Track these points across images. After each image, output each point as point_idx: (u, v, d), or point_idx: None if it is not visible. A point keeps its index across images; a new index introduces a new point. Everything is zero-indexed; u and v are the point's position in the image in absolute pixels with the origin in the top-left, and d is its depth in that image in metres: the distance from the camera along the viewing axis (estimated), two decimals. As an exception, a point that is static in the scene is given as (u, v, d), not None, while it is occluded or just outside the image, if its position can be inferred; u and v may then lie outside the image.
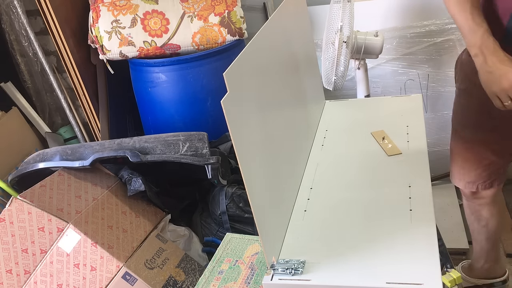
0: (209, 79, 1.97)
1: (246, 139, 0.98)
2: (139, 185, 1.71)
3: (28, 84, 2.73)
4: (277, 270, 1.02)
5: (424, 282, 0.93)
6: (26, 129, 2.53)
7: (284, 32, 1.37)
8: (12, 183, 1.86)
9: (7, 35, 2.60)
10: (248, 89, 1.05)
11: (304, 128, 1.48)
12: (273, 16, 1.27)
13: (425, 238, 1.05)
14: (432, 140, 2.41)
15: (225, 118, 0.89)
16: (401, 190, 1.22)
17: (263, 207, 1.03)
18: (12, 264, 1.54)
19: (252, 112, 1.06)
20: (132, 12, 1.97)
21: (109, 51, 2.01)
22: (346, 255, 1.04)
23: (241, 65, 1.00)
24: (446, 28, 2.22)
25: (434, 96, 2.35)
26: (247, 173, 0.94)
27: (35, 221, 1.53)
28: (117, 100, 2.35)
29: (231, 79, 0.92)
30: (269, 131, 1.15)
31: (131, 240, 1.59)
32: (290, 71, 1.41)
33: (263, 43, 1.17)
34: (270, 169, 1.12)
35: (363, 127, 1.55)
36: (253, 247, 1.43)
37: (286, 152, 1.27)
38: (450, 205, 2.35)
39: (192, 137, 1.67)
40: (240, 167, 0.92)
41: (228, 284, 1.30)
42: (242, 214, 1.76)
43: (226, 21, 1.96)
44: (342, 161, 1.40)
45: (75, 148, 1.75)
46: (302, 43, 1.56)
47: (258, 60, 1.13)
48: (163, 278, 1.55)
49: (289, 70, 1.40)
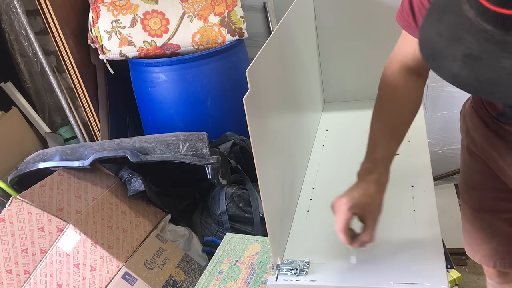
0: (209, 79, 1.97)
1: (263, 137, 0.98)
2: (139, 185, 1.71)
3: (28, 84, 2.73)
4: (281, 270, 1.02)
5: (430, 282, 0.93)
6: (26, 129, 2.53)
7: (294, 33, 1.38)
8: (12, 183, 1.85)
9: (7, 35, 2.59)
10: (267, 87, 1.05)
11: (306, 128, 1.48)
12: (286, 16, 1.28)
13: (430, 238, 1.05)
14: (432, 140, 2.41)
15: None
16: (404, 190, 1.22)
17: (274, 207, 1.03)
18: (12, 264, 1.54)
19: (269, 110, 1.06)
20: (132, 12, 1.97)
21: (109, 51, 2.01)
22: (350, 255, 1.04)
23: (261, 63, 1.00)
24: (446, 28, 2.22)
25: (434, 96, 2.35)
26: (262, 172, 0.94)
27: (35, 221, 1.53)
28: (117, 100, 2.35)
29: (253, 77, 0.91)
30: (280, 130, 1.15)
31: (131, 240, 1.59)
32: (298, 70, 1.42)
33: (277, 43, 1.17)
34: (281, 169, 1.13)
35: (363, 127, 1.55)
36: (253, 247, 1.43)
37: (291, 152, 1.27)
38: (450, 205, 2.35)
39: (192, 137, 1.67)
40: (256, 166, 0.92)
41: (228, 284, 1.30)
42: (242, 214, 1.75)
43: (226, 21, 1.96)
44: (343, 161, 1.40)
45: (75, 148, 1.75)
46: (307, 43, 1.57)
47: (274, 59, 1.14)
48: (163, 278, 1.55)
49: (297, 70, 1.41)
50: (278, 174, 1.11)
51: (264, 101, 1.03)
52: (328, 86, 1.82)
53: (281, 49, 1.23)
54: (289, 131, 1.26)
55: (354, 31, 1.70)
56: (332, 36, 1.72)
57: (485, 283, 1.96)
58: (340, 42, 1.72)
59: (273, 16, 2.34)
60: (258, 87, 0.97)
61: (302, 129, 1.43)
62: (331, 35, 1.72)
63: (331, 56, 1.76)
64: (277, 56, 1.18)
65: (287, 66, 1.29)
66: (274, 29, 1.16)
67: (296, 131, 1.35)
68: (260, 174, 0.93)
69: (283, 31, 1.25)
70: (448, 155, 2.45)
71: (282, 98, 1.21)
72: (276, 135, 1.12)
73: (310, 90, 1.59)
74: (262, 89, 1.01)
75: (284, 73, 1.25)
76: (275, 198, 1.06)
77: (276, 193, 1.08)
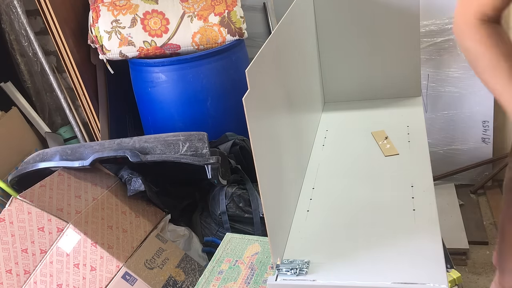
0: (209, 79, 1.97)
1: (263, 137, 0.99)
2: (139, 185, 1.71)
3: (28, 84, 2.73)
4: (281, 270, 1.02)
5: (430, 282, 0.93)
6: (26, 129, 2.53)
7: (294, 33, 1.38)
8: (12, 183, 1.85)
9: (7, 35, 2.60)
10: (266, 87, 1.05)
11: (306, 128, 1.48)
12: (286, 16, 1.28)
13: (429, 237, 1.05)
14: (432, 140, 2.41)
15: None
16: (403, 190, 1.22)
17: (273, 207, 1.03)
18: (12, 264, 1.54)
19: (269, 110, 1.06)
20: (132, 12, 1.97)
21: (109, 51, 2.01)
22: (350, 255, 1.04)
23: (261, 62, 0.99)
24: (446, 28, 2.22)
25: (434, 96, 2.35)
26: (262, 172, 0.94)
27: (35, 221, 1.53)
28: (117, 100, 2.35)
29: (252, 76, 0.91)
30: (279, 130, 1.15)
31: (131, 240, 1.59)
32: (298, 70, 1.42)
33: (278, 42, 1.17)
34: (280, 169, 1.13)
35: (363, 127, 1.55)
36: (253, 247, 1.43)
37: (291, 151, 1.27)
38: (450, 205, 2.35)
39: (192, 137, 1.67)
40: (256, 166, 0.92)
41: (228, 284, 1.30)
42: (242, 214, 1.75)
43: (226, 21, 1.96)
44: (344, 161, 1.41)
45: (75, 148, 1.75)
46: (307, 43, 1.57)
47: (274, 58, 1.14)
48: (163, 278, 1.55)
49: (297, 70, 1.41)
50: (278, 174, 1.11)
51: (264, 101, 1.03)
52: (328, 86, 1.82)
53: (281, 49, 1.23)
54: (289, 131, 1.26)
55: (354, 31, 1.70)
56: (332, 36, 1.72)
57: (485, 283, 1.97)
58: (340, 42, 1.73)
59: (273, 16, 2.34)
60: (258, 87, 0.97)
61: (302, 129, 1.43)
62: (331, 35, 1.72)
63: (331, 56, 1.76)
64: (277, 56, 1.18)
65: (287, 66, 1.29)
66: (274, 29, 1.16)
67: (296, 131, 1.35)
68: (260, 174, 0.93)
69: (283, 31, 1.25)
70: (448, 155, 2.45)
71: (282, 98, 1.21)
72: (276, 135, 1.12)
73: (310, 90, 1.59)
74: (262, 89, 1.01)
75: (284, 73, 1.25)
76: (275, 198, 1.06)
77: (276, 193, 1.08)
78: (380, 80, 1.75)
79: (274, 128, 1.11)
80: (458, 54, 2.25)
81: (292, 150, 1.29)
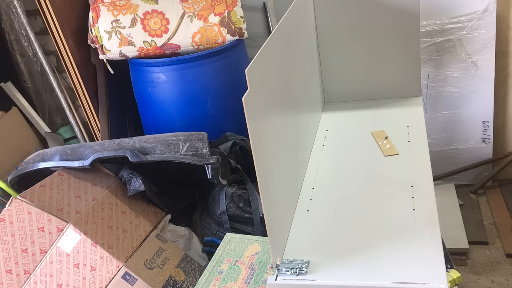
0: (209, 79, 1.97)
1: (263, 137, 0.99)
2: (139, 185, 1.71)
3: (28, 84, 2.73)
4: (281, 270, 1.02)
5: (430, 281, 0.93)
6: (26, 129, 2.53)
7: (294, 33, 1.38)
8: (12, 183, 1.85)
9: (7, 35, 2.60)
10: (266, 87, 1.05)
11: (306, 128, 1.48)
12: (286, 16, 1.28)
13: (429, 237, 1.05)
14: (432, 140, 2.42)
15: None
16: (403, 190, 1.22)
17: (273, 207, 1.03)
18: (12, 264, 1.54)
19: (269, 110, 1.06)
20: (132, 12, 1.97)
21: (109, 51, 2.01)
22: (350, 255, 1.04)
23: (261, 62, 1.00)
24: (446, 28, 2.22)
25: (434, 96, 2.35)
26: (262, 172, 0.94)
27: (35, 221, 1.53)
28: (117, 100, 2.35)
29: (252, 76, 0.91)
30: (279, 129, 1.15)
31: (131, 240, 1.59)
32: (298, 70, 1.42)
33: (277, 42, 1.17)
34: (280, 169, 1.13)
35: (363, 127, 1.55)
36: (253, 247, 1.43)
37: (291, 152, 1.27)
38: (450, 205, 2.35)
39: (192, 137, 1.67)
40: (256, 166, 0.92)
41: (228, 284, 1.30)
42: (242, 214, 1.75)
43: (226, 21, 1.96)
44: (344, 161, 1.41)
45: (75, 148, 1.75)
46: (307, 43, 1.57)
47: (274, 59, 1.14)
48: (163, 278, 1.55)
49: (297, 70, 1.41)
50: (278, 174, 1.11)
51: (264, 101, 1.03)
52: (328, 86, 1.82)
53: (281, 49, 1.23)
54: (289, 131, 1.26)
55: (354, 31, 1.70)
56: (332, 36, 1.73)
57: (485, 283, 1.97)
58: (340, 42, 1.73)
59: (273, 16, 2.34)
60: (258, 87, 0.97)
61: (302, 129, 1.43)
62: (331, 35, 1.72)
63: (331, 56, 1.76)
64: (277, 56, 1.18)
65: (287, 66, 1.30)
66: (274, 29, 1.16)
67: (296, 131, 1.35)
68: (260, 174, 0.93)
69: (283, 31, 1.25)
70: (448, 155, 2.45)
71: (281, 98, 1.21)
72: (276, 135, 1.12)
73: (310, 90, 1.59)
74: (261, 89, 1.01)
75: (284, 73, 1.25)
76: (275, 198, 1.06)
77: (276, 193, 1.08)
78: (380, 80, 1.75)
79: (274, 128, 1.11)
80: (458, 54, 2.25)
81: (292, 150, 1.29)
